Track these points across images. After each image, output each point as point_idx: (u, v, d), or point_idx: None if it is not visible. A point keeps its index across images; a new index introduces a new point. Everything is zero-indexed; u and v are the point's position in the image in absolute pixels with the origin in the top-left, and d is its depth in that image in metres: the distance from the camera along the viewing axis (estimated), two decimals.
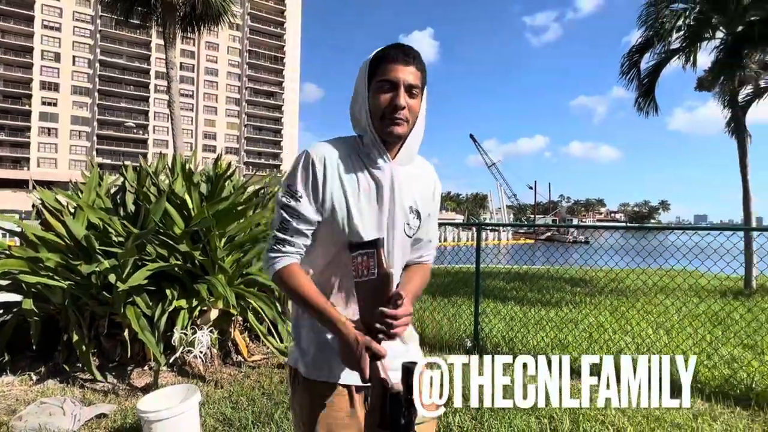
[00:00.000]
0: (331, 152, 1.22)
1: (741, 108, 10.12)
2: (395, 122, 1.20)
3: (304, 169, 1.21)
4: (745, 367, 3.96)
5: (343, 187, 1.21)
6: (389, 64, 1.19)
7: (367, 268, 1.15)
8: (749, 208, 9.57)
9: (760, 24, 8.23)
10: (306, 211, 1.20)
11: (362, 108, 1.23)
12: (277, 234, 1.22)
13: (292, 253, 1.22)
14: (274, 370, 4.03)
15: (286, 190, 1.22)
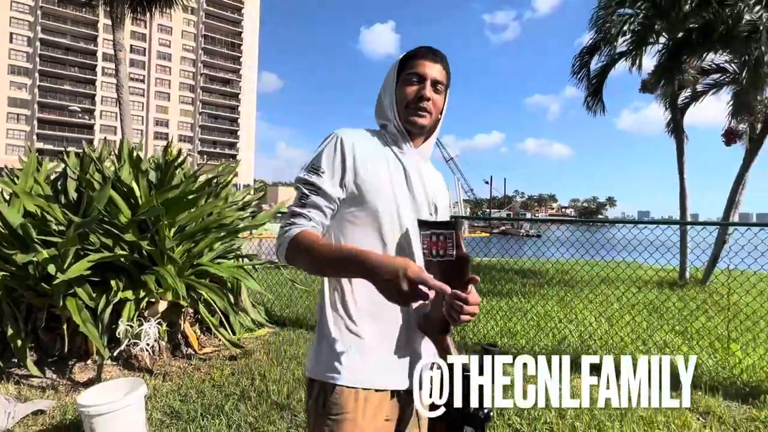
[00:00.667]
0: (360, 134, 1.24)
1: (680, 110, 10.73)
2: (419, 112, 1.23)
3: (331, 149, 1.19)
4: (675, 351, 4.25)
5: (377, 166, 1.20)
6: (419, 59, 1.24)
7: (444, 248, 1.10)
8: (685, 204, 10.20)
9: (698, 31, 8.75)
10: (326, 187, 1.16)
11: (389, 98, 1.27)
12: (293, 209, 1.17)
13: (309, 225, 1.15)
14: (226, 363, 3.97)
15: (309, 167, 1.19)
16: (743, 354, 4.19)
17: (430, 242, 1.12)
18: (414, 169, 1.25)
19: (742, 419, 3.10)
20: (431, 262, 1.12)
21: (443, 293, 0.98)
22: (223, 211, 4.45)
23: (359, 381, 1.13)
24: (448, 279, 1.05)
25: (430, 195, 1.27)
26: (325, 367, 1.15)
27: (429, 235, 1.12)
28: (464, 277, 1.07)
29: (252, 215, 5.15)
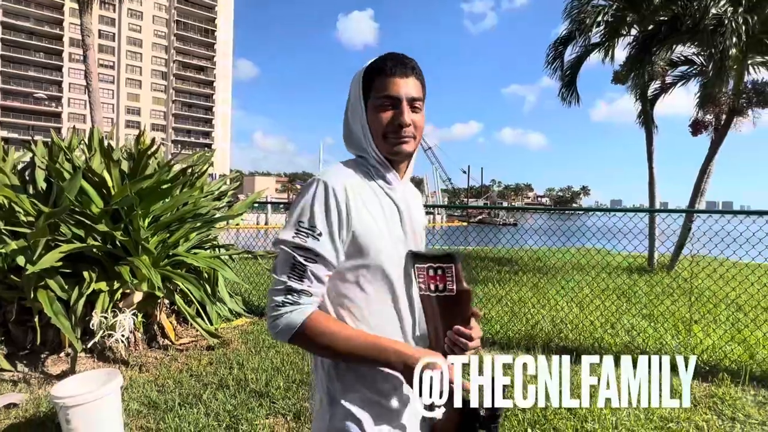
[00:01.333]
0: (351, 180, 1.05)
1: (650, 101, 11.03)
2: (402, 141, 1.08)
3: (321, 201, 1.01)
4: (641, 334, 4.43)
5: (372, 213, 1.06)
6: (387, 78, 1.07)
7: (443, 283, 1.04)
8: (654, 193, 10.53)
9: (667, 24, 8.98)
10: (326, 252, 1.00)
11: (360, 128, 1.11)
12: (290, 284, 0.99)
13: (310, 304, 1.01)
14: (203, 352, 3.97)
15: (299, 227, 1.00)
16: (704, 335, 4.40)
17: (427, 276, 1.06)
18: (404, 204, 1.13)
19: (702, 396, 3.28)
20: (429, 297, 1.07)
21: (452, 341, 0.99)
22: (199, 201, 4.42)
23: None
24: (447, 314, 1.05)
25: (420, 225, 1.19)
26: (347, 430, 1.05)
27: (426, 269, 1.06)
28: (466, 312, 1.04)
29: (228, 205, 5.12)
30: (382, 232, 1.06)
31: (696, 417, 2.95)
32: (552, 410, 2.94)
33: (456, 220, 42.76)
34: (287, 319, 0.98)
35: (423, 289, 1.08)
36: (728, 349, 4.01)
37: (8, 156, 4.27)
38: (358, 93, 1.11)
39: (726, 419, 2.96)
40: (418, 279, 1.09)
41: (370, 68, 1.10)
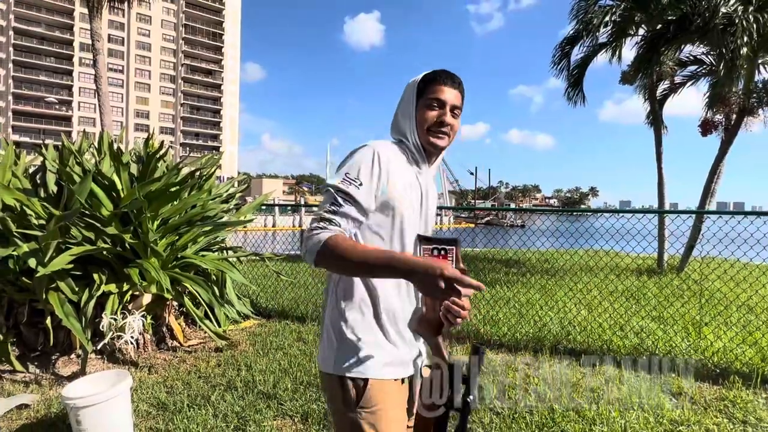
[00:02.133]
0: (393, 151, 1.29)
1: (659, 101, 10.94)
2: (439, 135, 1.33)
3: (369, 162, 1.23)
4: (650, 336, 4.39)
5: (403, 186, 1.27)
6: (439, 85, 1.32)
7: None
8: (663, 194, 10.44)
9: (676, 23, 8.90)
10: (362, 199, 1.20)
11: (410, 120, 1.34)
12: (323, 214, 1.18)
13: (338, 231, 1.17)
14: (211, 354, 3.99)
15: (344, 177, 1.21)
16: (714, 337, 4.35)
17: (431, 256, 1.18)
18: (426, 189, 1.37)
19: (713, 399, 3.24)
20: None
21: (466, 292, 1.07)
22: (207, 204, 4.45)
23: (385, 372, 1.23)
24: None
25: (431, 211, 1.41)
26: (353, 363, 1.22)
27: (431, 249, 1.19)
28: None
29: (236, 208, 5.15)
30: (409, 202, 1.28)
31: (706, 420, 2.92)
32: (560, 413, 2.93)
33: (463, 221, 42.63)
34: (315, 239, 1.15)
35: None
36: (739, 352, 3.96)
37: (20, 160, 4.33)
38: (413, 92, 1.35)
39: (737, 422, 2.93)
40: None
41: (426, 76, 1.35)
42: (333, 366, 1.24)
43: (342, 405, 1.23)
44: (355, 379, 1.21)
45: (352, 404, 1.21)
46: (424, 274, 1.04)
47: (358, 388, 1.21)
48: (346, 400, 1.22)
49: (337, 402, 1.24)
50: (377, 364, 1.22)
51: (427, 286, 1.05)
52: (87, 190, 3.64)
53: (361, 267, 1.13)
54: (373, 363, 1.22)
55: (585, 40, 10.42)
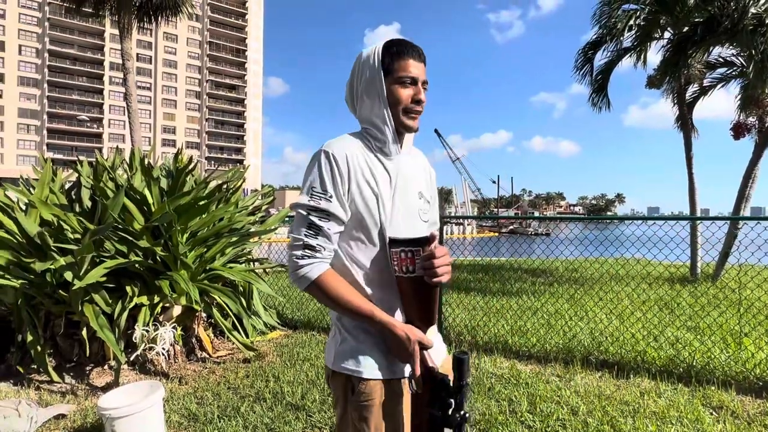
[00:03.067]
0: (349, 148, 1.22)
1: (687, 105, 10.66)
2: (414, 115, 1.27)
3: (328, 168, 1.19)
4: (687, 347, 4.24)
5: (368, 181, 1.22)
6: (409, 59, 1.24)
7: (413, 264, 1.16)
8: (694, 199, 10.13)
9: (703, 26, 8.70)
10: (337, 211, 1.18)
11: (379, 102, 1.25)
12: (305, 240, 1.17)
13: (324, 258, 1.19)
14: (240, 365, 4.03)
15: (312, 192, 1.18)
16: (756, 348, 4.17)
17: (400, 259, 1.17)
18: (400, 170, 1.29)
19: (756, 413, 3.10)
20: (401, 278, 1.19)
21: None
22: (234, 216, 4.52)
23: (381, 372, 1.24)
24: (419, 295, 1.19)
25: (417, 190, 1.33)
26: (351, 362, 1.25)
27: (399, 252, 1.17)
28: (436, 290, 1.18)
29: (261, 220, 5.22)
30: (372, 197, 1.22)
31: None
32: (594, 427, 2.84)
33: (486, 230, 42.23)
34: (304, 273, 1.17)
35: (396, 271, 1.20)
36: None
37: (56, 176, 4.49)
38: (377, 70, 1.24)
39: None
40: (392, 262, 1.20)
41: (388, 50, 1.25)
42: (333, 362, 1.28)
43: (339, 399, 1.27)
44: (351, 376, 1.23)
45: (348, 398, 1.24)
46: (396, 345, 1.18)
47: (354, 384, 1.23)
48: (344, 396, 1.25)
49: (335, 396, 1.29)
50: (372, 364, 1.23)
51: (397, 349, 1.19)
52: (120, 204, 3.75)
53: (343, 314, 1.22)
54: (368, 362, 1.23)
55: (609, 45, 10.28)
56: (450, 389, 1.15)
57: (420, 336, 1.18)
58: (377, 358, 1.24)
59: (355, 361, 1.24)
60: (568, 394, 3.37)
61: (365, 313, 1.18)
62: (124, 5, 12.85)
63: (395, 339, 1.17)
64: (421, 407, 1.21)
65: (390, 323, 1.18)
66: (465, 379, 1.14)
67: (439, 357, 1.33)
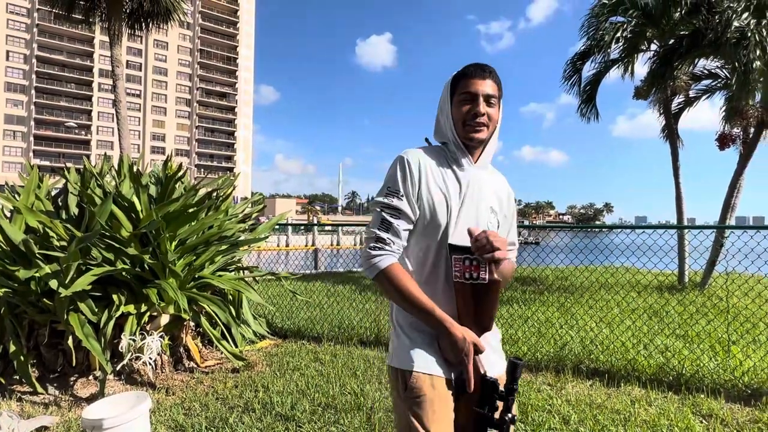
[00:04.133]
0: (424, 156, 1.34)
1: (674, 116, 10.84)
2: (476, 127, 1.34)
3: (402, 171, 1.31)
4: (676, 355, 4.26)
5: (439, 186, 1.32)
6: (468, 78, 1.35)
7: (476, 271, 1.21)
8: (681, 209, 10.27)
9: (688, 38, 8.89)
10: (408, 210, 1.29)
11: (446, 119, 1.38)
12: (377, 233, 1.28)
13: (394, 251, 1.29)
14: (228, 375, 3.97)
15: (387, 191, 1.31)
16: (744, 356, 4.21)
17: (462, 266, 1.23)
18: (471, 181, 1.35)
19: (746, 421, 3.11)
20: (464, 284, 1.24)
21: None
22: (224, 224, 4.48)
23: (431, 368, 1.28)
24: (479, 302, 1.24)
25: (488, 204, 1.38)
26: (404, 358, 1.31)
27: (462, 259, 1.23)
28: (495, 299, 1.24)
29: (251, 228, 5.18)
30: (442, 201, 1.31)
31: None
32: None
33: None
34: (374, 262, 1.27)
35: (458, 276, 1.24)
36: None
37: (43, 183, 4.42)
38: (447, 92, 1.39)
39: None
40: (454, 268, 1.25)
41: (456, 74, 1.38)
42: (390, 358, 1.35)
43: (395, 394, 1.33)
44: (405, 371, 1.29)
45: (401, 394, 1.29)
46: (450, 344, 1.23)
47: (406, 379, 1.28)
48: (397, 390, 1.31)
49: (392, 391, 1.36)
50: (425, 360, 1.28)
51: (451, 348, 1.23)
52: (107, 211, 3.69)
53: (407, 308, 1.28)
54: (421, 358, 1.28)
55: (596, 56, 10.44)
56: (499, 392, 1.18)
57: (475, 338, 1.23)
58: (429, 355, 1.29)
59: (407, 357, 1.30)
60: (559, 402, 3.36)
61: (427, 307, 1.23)
62: (114, 12, 12.78)
63: (451, 338, 1.22)
64: (469, 408, 1.23)
65: (449, 321, 1.23)
66: (516, 382, 1.17)
67: (496, 370, 1.33)
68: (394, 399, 1.34)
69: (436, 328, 1.25)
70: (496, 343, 1.41)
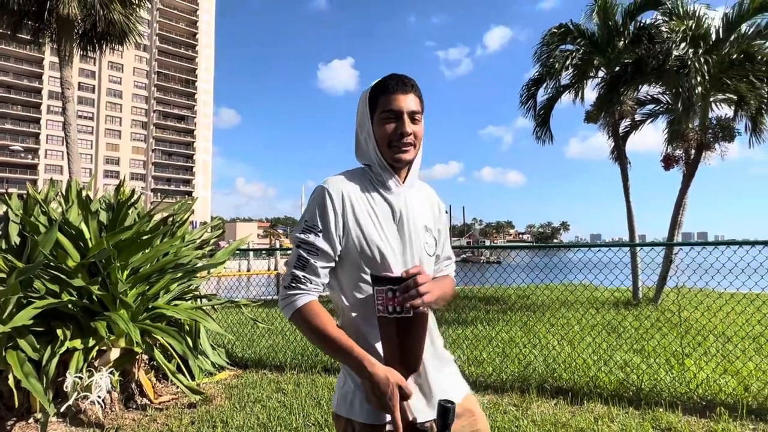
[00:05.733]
0: (346, 184, 1.24)
1: (622, 138, 11.40)
2: (402, 148, 1.25)
3: (321, 205, 1.21)
4: (635, 370, 4.37)
5: (366, 216, 1.23)
6: (390, 95, 1.25)
7: (400, 304, 1.12)
8: (633, 226, 10.73)
9: (633, 66, 9.45)
10: (325, 246, 1.20)
11: (368, 139, 1.28)
12: (294, 271, 1.20)
13: (311, 290, 1.20)
14: (185, 411, 3.76)
15: (304, 226, 1.22)
16: (697, 368, 4.36)
17: (386, 299, 1.13)
18: (401, 203, 1.28)
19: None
20: (387, 318, 1.13)
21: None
22: (180, 251, 4.31)
23: (373, 418, 1.19)
24: (404, 337, 1.14)
25: (422, 224, 1.32)
26: (349, 405, 1.22)
27: (385, 291, 1.12)
28: (422, 333, 1.16)
29: (210, 254, 5.01)
30: (375, 227, 1.23)
31: None
32: None
33: None
34: (289, 301, 1.19)
35: (381, 311, 1.14)
36: (722, 383, 3.97)
37: None
38: (365, 109, 1.28)
39: None
40: (377, 301, 1.14)
41: (375, 88, 1.28)
42: (336, 404, 1.27)
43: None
44: (351, 420, 1.21)
45: None
46: (372, 386, 1.11)
47: (354, 428, 1.21)
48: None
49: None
50: (367, 409, 1.19)
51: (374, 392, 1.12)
52: (52, 240, 3.48)
53: (321, 347, 1.20)
54: (363, 407, 1.19)
55: (549, 82, 10.91)
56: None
57: (400, 380, 1.12)
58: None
59: (352, 404, 1.21)
60: (525, 423, 3.35)
61: (344, 346, 1.14)
62: (65, 33, 12.35)
63: (372, 378, 1.10)
64: None
65: (369, 359, 1.12)
66: (448, 429, 1.09)
67: (460, 394, 1.31)
68: None
69: (357, 369, 1.13)
70: (447, 371, 1.34)
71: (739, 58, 8.85)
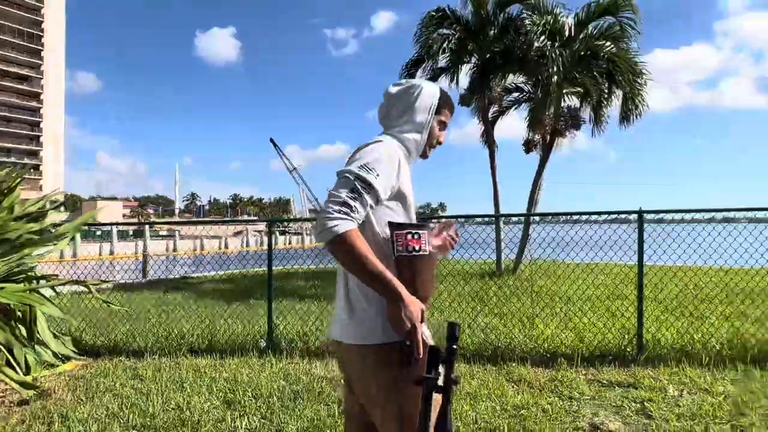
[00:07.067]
0: (401, 150, 1.47)
1: (491, 123, 12.32)
2: (433, 150, 1.62)
3: (388, 160, 1.37)
4: (493, 331, 4.79)
5: (408, 181, 1.46)
6: (451, 110, 1.61)
7: (419, 244, 1.32)
8: (498, 204, 11.74)
9: (501, 54, 10.19)
10: (379, 188, 1.32)
11: (425, 128, 1.53)
12: (345, 198, 1.27)
13: (356, 220, 1.28)
14: (14, 409, 3.24)
15: (364, 166, 1.32)
16: (544, 326, 4.92)
17: (405, 240, 1.32)
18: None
19: (546, 381, 3.62)
20: (404, 258, 1.32)
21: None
22: (7, 224, 3.66)
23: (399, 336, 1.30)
24: (424, 271, 1.34)
25: None
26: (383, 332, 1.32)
27: (404, 234, 1.33)
28: (434, 268, 1.40)
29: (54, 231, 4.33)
30: (411, 199, 1.47)
31: (542, 401, 3.22)
32: None
33: None
34: (333, 225, 1.23)
35: (401, 250, 1.32)
36: (564, 337, 4.52)
37: None
38: (432, 106, 1.54)
39: (565, 399, 3.29)
40: (396, 243, 1.32)
41: (444, 95, 1.58)
42: (376, 336, 1.33)
43: (390, 371, 1.31)
44: (388, 344, 1.31)
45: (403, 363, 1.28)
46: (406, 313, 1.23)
47: (389, 349, 1.31)
48: (398, 365, 1.30)
49: (381, 371, 1.32)
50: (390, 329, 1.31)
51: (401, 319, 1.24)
52: None
53: (359, 273, 1.28)
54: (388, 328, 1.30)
55: (427, 64, 11.30)
56: (441, 357, 1.22)
57: (422, 306, 1.28)
58: None
59: (385, 328, 1.30)
60: None
61: (386, 275, 1.24)
62: None
63: (407, 307, 1.23)
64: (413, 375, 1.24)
65: (402, 286, 1.25)
66: (456, 342, 1.24)
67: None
68: (387, 377, 1.32)
69: (393, 293, 1.24)
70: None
71: (587, 55, 10.01)
